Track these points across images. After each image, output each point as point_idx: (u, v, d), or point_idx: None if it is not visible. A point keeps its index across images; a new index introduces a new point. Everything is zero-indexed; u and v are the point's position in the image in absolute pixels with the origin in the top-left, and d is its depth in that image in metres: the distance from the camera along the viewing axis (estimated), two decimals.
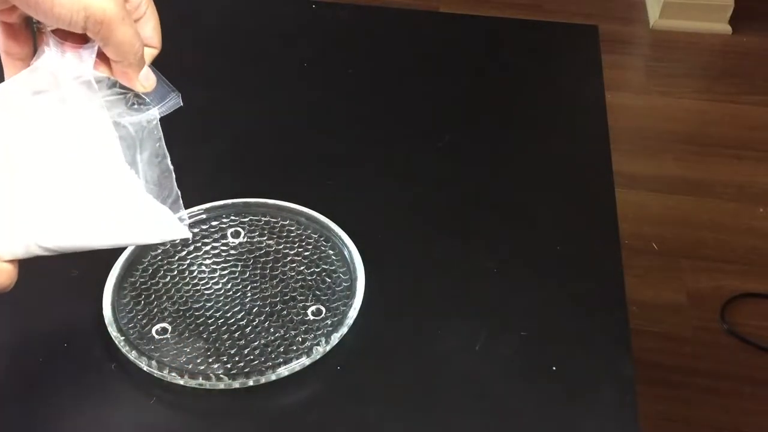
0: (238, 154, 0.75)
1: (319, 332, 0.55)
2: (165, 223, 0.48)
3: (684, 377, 1.38)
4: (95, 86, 0.44)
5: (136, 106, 0.46)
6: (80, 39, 0.42)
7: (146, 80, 0.45)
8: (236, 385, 0.51)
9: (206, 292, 0.58)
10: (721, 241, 1.66)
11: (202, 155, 0.73)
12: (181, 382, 0.51)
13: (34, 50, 0.44)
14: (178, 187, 0.48)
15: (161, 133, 0.47)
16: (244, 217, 0.64)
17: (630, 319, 0.57)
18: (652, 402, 1.31)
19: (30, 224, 0.43)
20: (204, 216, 0.64)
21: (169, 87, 0.46)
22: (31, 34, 0.44)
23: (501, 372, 0.54)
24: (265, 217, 0.65)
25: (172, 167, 0.47)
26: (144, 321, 0.56)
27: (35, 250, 0.44)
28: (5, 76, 0.44)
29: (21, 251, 0.43)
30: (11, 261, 0.42)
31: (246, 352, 0.54)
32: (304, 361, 0.52)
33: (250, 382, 0.51)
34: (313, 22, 0.97)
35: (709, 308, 1.49)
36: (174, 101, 0.47)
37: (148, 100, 0.46)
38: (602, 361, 0.55)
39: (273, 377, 0.52)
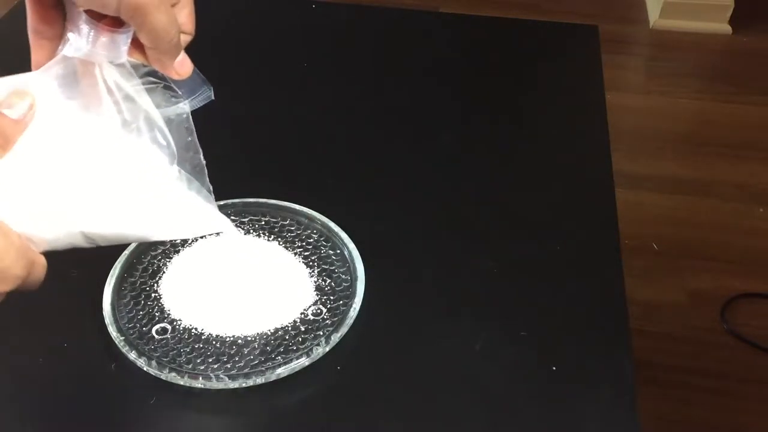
0: (239, 154, 0.75)
1: (319, 332, 0.55)
2: (207, 217, 0.47)
3: (684, 377, 1.38)
4: (132, 71, 0.42)
5: (167, 98, 0.44)
6: (114, 21, 0.40)
7: (181, 67, 0.43)
8: (236, 385, 0.51)
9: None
10: (721, 241, 1.66)
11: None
12: (181, 382, 0.51)
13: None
14: None
15: (193, 127, 0.45)
16: (244, 217, 0.64)
17: (630, 319, 0.57)
18: (652, 402, 1.31)
19: (75, 212, 0.42)
20: None
21: (201, 78, 0.44)
22: (61, 13, 0.42)
23: (501, 372, 0.54)
24: (265, 217, 0.65)
25: (204, 162, 0.46)
26: (144, 321, 0.56)
27: (77, 240, 0.42)
28: (32, 56, 0.42)
29: (63, 239, 0.42)
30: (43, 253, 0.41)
31: (246, 352, 0.54)
32: (304, 361, 0.52)
33: (250, 382, 0.51)
34: (313, 22, 0.97)
35: (709, 308, 1.49)
36: (206, 94, 0.44)
37: (180, 92, 0.44)
38: (602, 361, 0.55)
39: (273, 377, 0.51)
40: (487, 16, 1.02)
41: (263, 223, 0.64)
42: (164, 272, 0.59)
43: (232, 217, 0.64)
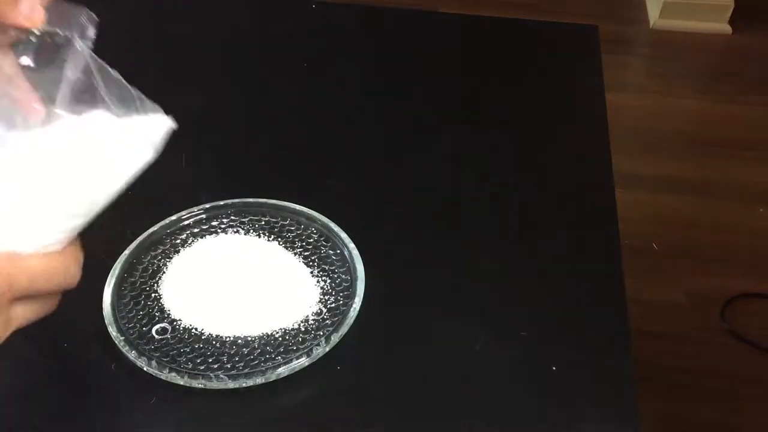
0: (238, 154, 0.75)
1: (319, 332, 0.55)
2: (144, 129, 0.42)
3: (684, 377, 1.38)
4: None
5: (57, 46, 0.40)
6: None
7: (32, 15, 0.38)
8: (236, 385, 0.51)
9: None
10: (721, 241, 1.66)
11: (201, 155, 0.73)
12: (181, 382, 0.51)
13: None
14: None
15: (89, 52, 0.40)
16: (244, 217, 0.64)
17: (630, 319, 0.57)
18: (652, 402, 1.31)
19: (42, 202, 0.38)
20: (204, 216, 0.64)
21: (74, 11, 0.40)
22: None
23: (501, 372, 0.54)
24: (265, 217, 0.65)
25: (116, 73, 0.41)
26: (144, 321, 0.56)
27: (64, 219, 0.39)
28: None
29: (51, 226, 0.39)
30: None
31: (246, 352, 0.54)
32: (304, 361, 0.52)
33: (250, 382, 0.51)
34: (313, 22, 0.97)
35: (709, 308, 1.49)
36: (86, 16, 0.40)
37: (62, 33, 0.40)
38: (602, 361, 0.55)
39: (273, 377, 0.51)
40: (486, 16, 1.02)
41: (263, 223, 0.64)
42: (164, 272, 0.59)
43: (233, 217, 0.64)
